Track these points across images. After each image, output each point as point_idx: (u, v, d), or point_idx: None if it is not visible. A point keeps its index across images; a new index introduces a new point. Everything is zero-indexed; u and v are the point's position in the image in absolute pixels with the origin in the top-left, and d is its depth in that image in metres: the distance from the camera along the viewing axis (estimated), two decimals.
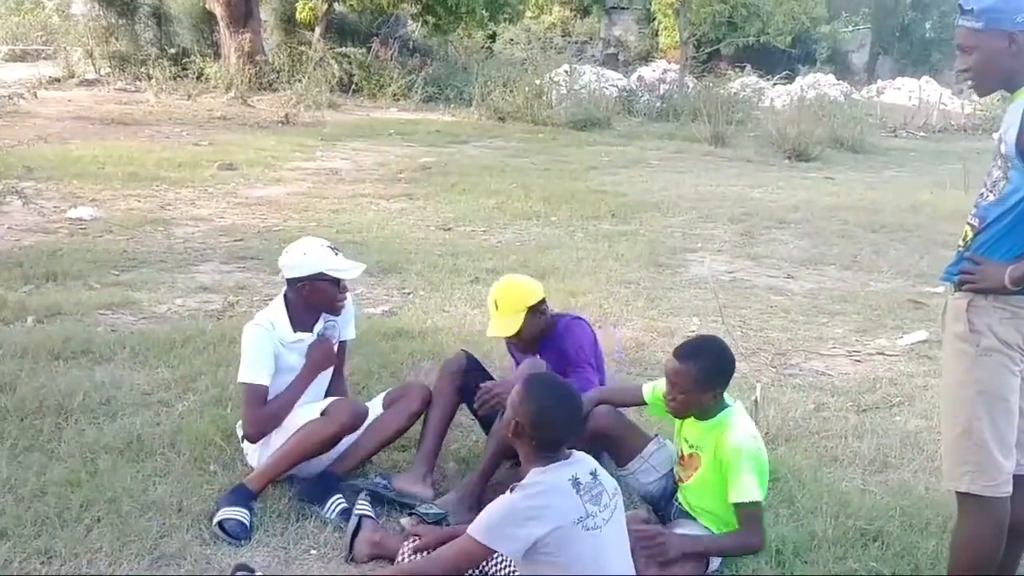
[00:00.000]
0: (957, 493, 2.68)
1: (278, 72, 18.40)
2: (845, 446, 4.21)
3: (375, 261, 6.96)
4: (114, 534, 3.15)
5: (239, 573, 2.91)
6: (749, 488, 2.98)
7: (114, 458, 3.67)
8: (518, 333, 3.68)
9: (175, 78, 18.01)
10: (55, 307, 5.52)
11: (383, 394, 3.87)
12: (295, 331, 3.66)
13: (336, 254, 3.65)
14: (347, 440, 3.63)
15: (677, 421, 3.27)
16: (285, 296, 3.69)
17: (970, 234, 2.68)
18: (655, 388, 3.34)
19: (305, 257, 3.61)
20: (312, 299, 3.65)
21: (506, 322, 3.67)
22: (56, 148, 11.23)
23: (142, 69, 18.62)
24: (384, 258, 7.08)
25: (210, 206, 8.85)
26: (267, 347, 3.57)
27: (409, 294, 6.36)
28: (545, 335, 3.76)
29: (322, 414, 3.52)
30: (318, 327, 3.72)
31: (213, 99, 17.34)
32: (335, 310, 3.72)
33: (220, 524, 3.25)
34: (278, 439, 3.52)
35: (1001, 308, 2.57)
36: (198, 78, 18.14)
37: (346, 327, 3.89)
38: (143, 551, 3.09)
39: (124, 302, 5.78)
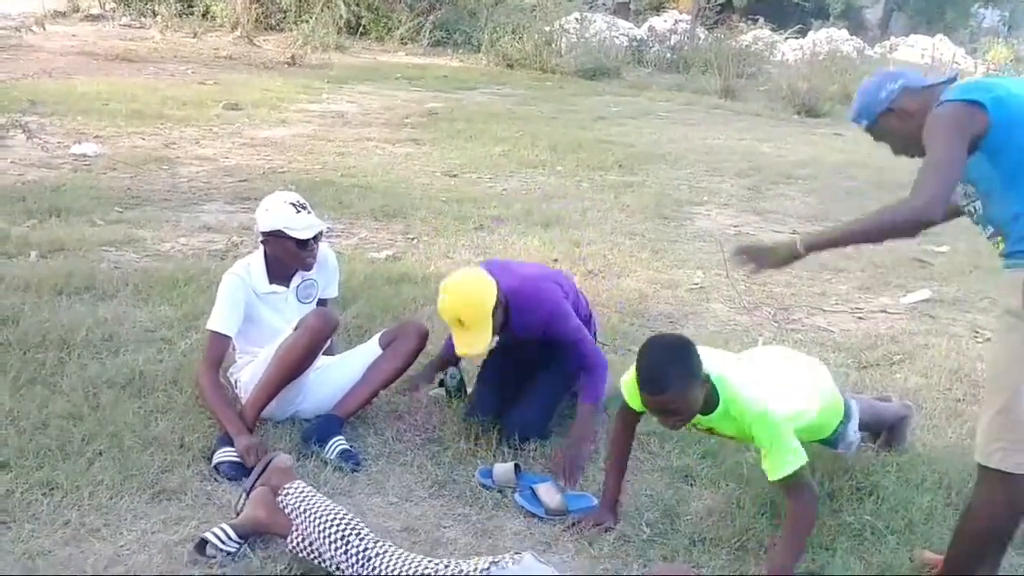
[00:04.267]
0: (980, 465, 2.64)
1: (285, 12, 18.17)
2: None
3: (380, 205, 6.95)
4: (115, 468, 3.18)
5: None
6: (783, 461, 2.80)
7: (116, 393, 3.69)
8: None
9: (180, 15, 17.80)
10: (58, 242, 5.51)
11: (379, 335, 3.86)
12: (271, 282, 3.69)
13: (298, 212, 3.60)
14: (343, 382, 3.67)
15: None
16: (262, 246, 3.71)
17: (1001, 243, 2.63)
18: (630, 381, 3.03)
19: (267, 213, 3.61)
20: (278, 254, 3.66)
21: (476, 336, 3.46)
22: (60, 83, 11.14)
23: (147, 5, 18.39)
24: (389, 203, 7.05)
25: (215, 146, 8.80)
26: (239, 297, 3.60)
27: (413, 239, 6.35)
28: (504, 314, 3.56)
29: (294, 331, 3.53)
30: (295, 282, 3.74)
31: (219, 38, 17.15)
32: (304, 266, 3.70)
33: (216, 466, 3.28)
34: (263, 371, 3.53)
35: None
36: (204, 16, 17.93)
37: (328, 286, 3.88)
38: (144, 485, 3.12)
39: (127, 239, 5.78)
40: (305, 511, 2.80)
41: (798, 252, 2.83)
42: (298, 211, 3.61)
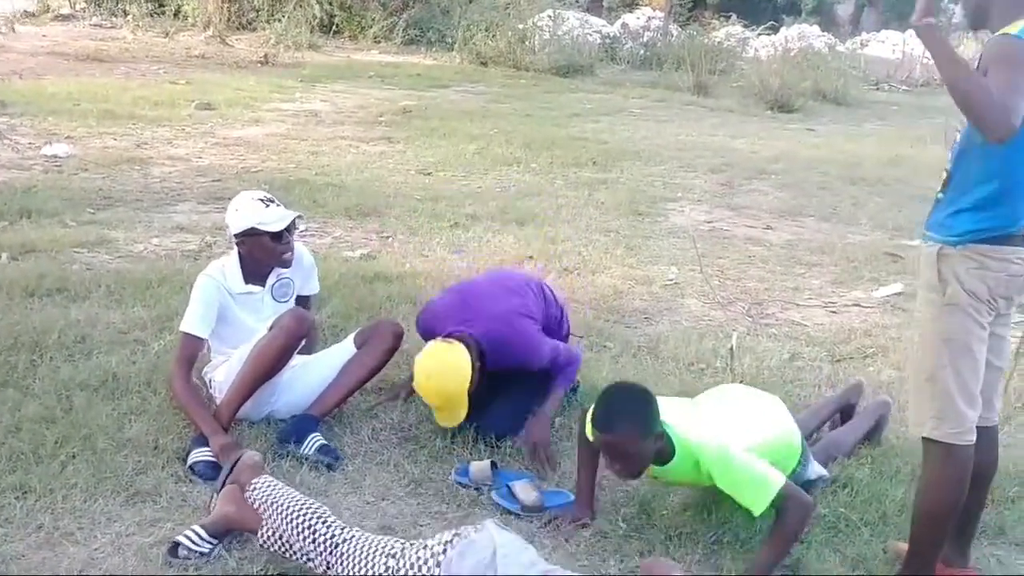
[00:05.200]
0: (923, 439, 2.73)
1: (257, 11, 18.08)
2: (818, 395, 4.25)
3: (354, 204, 6.93)
4: (89, 470, 3.16)
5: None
6: (760, 489, 2.80)
7: (89, 395, 3.66)
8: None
9: (152, 15, 17.70)
10: (29, 244, 5.46)
11: (353, 334, 3.85)
12: (246, 283, 3.67)
13: (267, 206, 3.60)
14: (318, 382, 3.66)
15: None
16: (236, 247, 3.68)
17: (944, 176, 2.69)
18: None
19: (237, 213, 3.60)
20: (255, 254, 3.64)
21: (453, 413, 3.52)
22: (30, 84, 11.04)
23: (118, 5, 18.26)
24: (363, 201, 7.04)
25: (187, 146, 8.75)
26: (212, 299, 3.58)
27: (388, 238, 6.34)
28: (482, 360, 3.57)
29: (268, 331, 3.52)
30: (271, 280, 3.71)
31: (191, 37, 17.04)
32: (281, 262, 3.68)
33: (191, 467, 3.26)
34: (237, 371, 3.51)
35: (968, 258, 2.58)
36: (175, 15, 17.84)
37: (307, 282, 3.87)
38: (119, 487, 3.10)
39: (100, 240, 5.73)
40: (272, 503, 2.80)
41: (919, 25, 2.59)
42: (267, 205, 3.61)
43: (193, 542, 2.78)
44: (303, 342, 3.65)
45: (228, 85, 12.28)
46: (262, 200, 3.62)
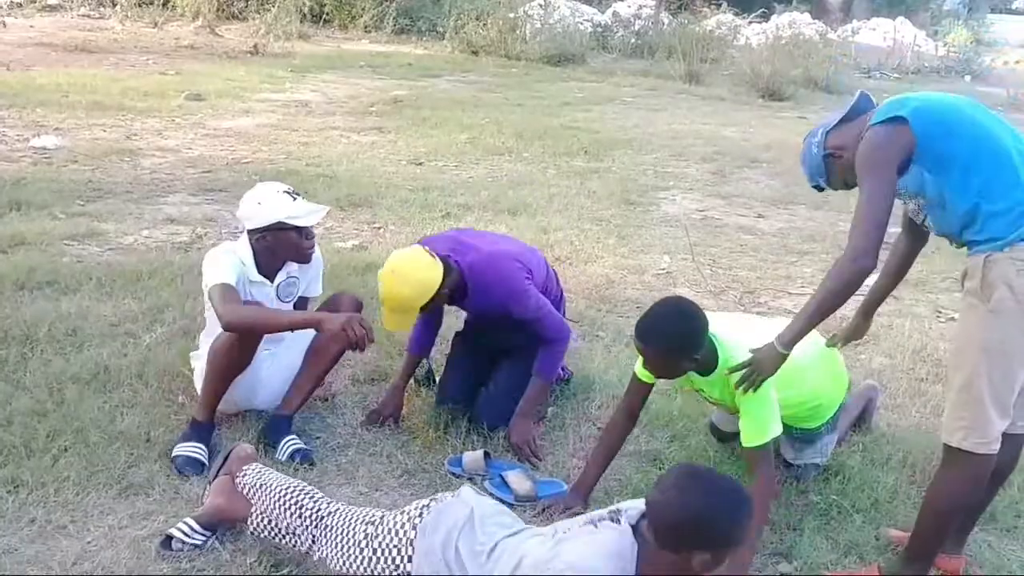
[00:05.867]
0: (945, 444, 2.69)
1: (247, 1, 17.99)
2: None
3: (345, 195, 6.91)
4: (81, 463, 3.15)
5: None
6: (764, 430, 2.92)
7: (81, 388, 3.65)
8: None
9: (140, 5, 17.55)
10: (19, 237, 5.44)
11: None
12: (260, 274, 3.46)
13: (295, 199, 3.41)
14: (293, 370, 3.57)
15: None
16: (249, 239, 3.46)
17: (962, 246, 2.70)
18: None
19: (260, 207, 3.38)
20: (276, 249, 3.44)
21: (396, 319, 3.46)
22: (18, 75, 10.97)
23: None
24: (354, 192, 7.02)
25: (177, 137, 8.71)
26: (233, 265, 3.34)
27: (379, 228, 6.33)
28: (461, 291, 3.55)
29: None
30: (279, 278, 3.52)
31: (180, 27, 16.96)
32: (303, 258, 3.50)
33: (172, 460, 3.24)
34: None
35: (1016, 259, 2.53)
36: (164, 5, 17.71)
37: (314, 282, 3.68)
38: (111, 480, 3.09)
39: (90, 233, 5.71)
40: (261, 486, 2.81)
41: (781, 352, 2.82)
42: (294, 198, 3.41)
43: (186, 534, 2.78)
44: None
45: (218, 75, 12.23)
46: (288, 193, 3.42)
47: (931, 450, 3.41)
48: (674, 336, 2.91)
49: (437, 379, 3.94)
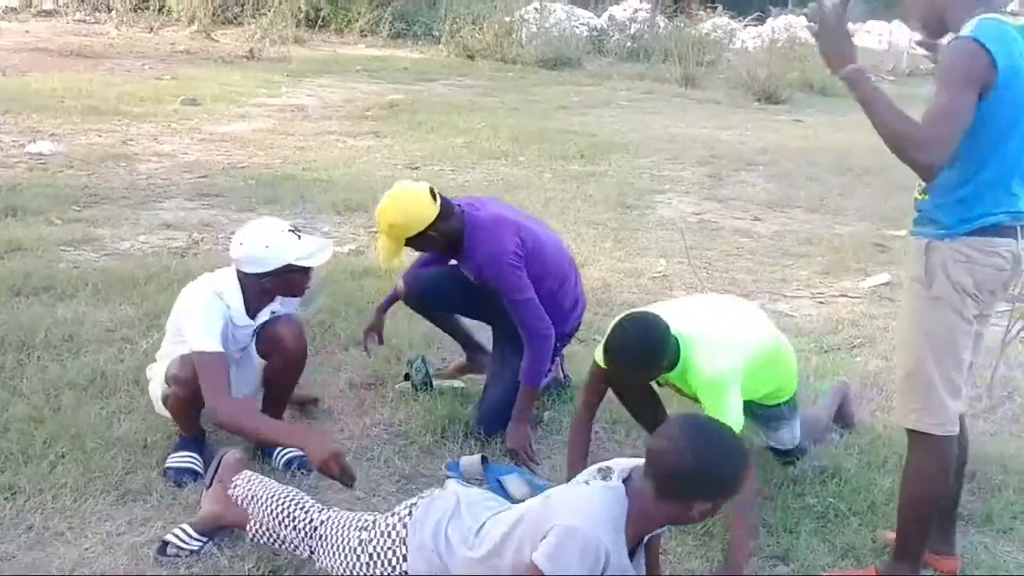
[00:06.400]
0: (907, 430, 2.75)
1: (242, 5, 17.98)
2: (806, 386, 4.26)
3: (341, 199, 6.91)
4: (79, 470, 3.15)
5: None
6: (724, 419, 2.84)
7: (78, 395, 3.65)
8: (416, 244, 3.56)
9: (136, 10, 17.54)
10: (15, 243, 5.44)
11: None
12: (247, 316, 3.27)
13: (299, 237, 3.23)
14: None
15: None
16: (239, 278, 3.26)
17: (920, 195, 2.72)
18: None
19: (268, 251, 3.17)
20: (276, 289, 3.28)
21: (387, 246, 3.54)
22: (14, 81, 10.98)
23: (102, 0, 18.13)
24: (350, 196, 7.02)
25: (173, 142, 8.71)
26: (218, 317, 3.16)
27: (376, 233, 6.31)
28: (459, 240, 3.55)
29: None
30: (262, 317, 3.32)
31: (175, 32, 16.95)
32: (300, 294, 3.40)
33: (164, 471, 3.23)
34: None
35: (956, 251, 2.58)
36: (160, 10, 17.68)
37: (289, 306, 3.44)
38: (108, 487, 3.09)
39: (86, 238, 5.71)
40: (253, 499, 2.81)
41: (839, 74, 2.64)
42: (299, 236, 3.24)
43: (182, 540, 2.78)
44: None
45: (214, 80, 12.22)
46: (292, 231, 3.24)
47: None
48: (641, 355, 2.98)
49: (434, 384, 3.95)
